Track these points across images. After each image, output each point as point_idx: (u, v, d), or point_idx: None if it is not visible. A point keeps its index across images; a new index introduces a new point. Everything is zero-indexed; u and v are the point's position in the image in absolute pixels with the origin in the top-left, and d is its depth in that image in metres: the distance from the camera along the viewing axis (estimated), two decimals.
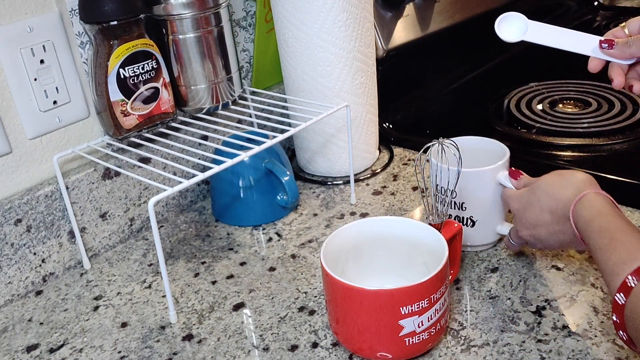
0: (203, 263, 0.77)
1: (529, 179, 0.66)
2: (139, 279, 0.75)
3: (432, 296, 0.55)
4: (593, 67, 0.64)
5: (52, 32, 0.73)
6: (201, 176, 0.66)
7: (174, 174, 0.82)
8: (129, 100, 0.74)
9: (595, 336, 0.59)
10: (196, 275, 0.75)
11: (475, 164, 0.70)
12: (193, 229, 0.85)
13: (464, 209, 0.70)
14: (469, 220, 0.70)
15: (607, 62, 0.63)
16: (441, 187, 0.66)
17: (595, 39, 0.63)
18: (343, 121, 0.88)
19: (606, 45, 0.62)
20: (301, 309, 0.67)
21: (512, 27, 0.67)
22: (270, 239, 0.80)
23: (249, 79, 0.97)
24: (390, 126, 1.02)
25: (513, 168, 0.69)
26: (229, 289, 0.72)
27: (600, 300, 0.63)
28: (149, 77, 0.75)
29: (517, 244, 0.68)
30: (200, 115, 0.83)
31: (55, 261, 0.76)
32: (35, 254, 0.74)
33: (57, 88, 0.74)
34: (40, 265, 0.75)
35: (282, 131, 0.75)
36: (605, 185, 0.80)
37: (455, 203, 0.70)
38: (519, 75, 1.17)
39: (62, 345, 0.66)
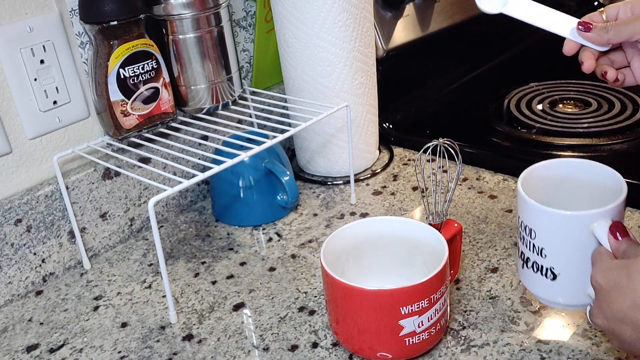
0: (203, 263, 0.77)
1: (633, 246, 0.48)
2: (139, 279, 0.75)
3: (432, 296, 0.55)
4: (568, 49, 0.62)
5: (52, 32, 0.73)
6: (201, 176, 0.66)
7: (174, 174, 0.82)
8: (129, 100, 0.74)
9: (595, 336, 0.59)
10: (196, 275, 0.75)
11: (575, 199, 0.57)
12: (193, 229, 0.85)
13: (544, 255, 0.54)
14: (549, 272, 0.54)
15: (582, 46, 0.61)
16: (525, 225, 0.55)
17: (574, 21, 0.61)
18: (343, 121, 0.88)
19: (583, 27, 0.59)
20: (301, 309, 0.67)
21: None
22: (270, 239, 0.80)
23: (249, 79, 0.97)
24: (390, 126, 1.02)
25: (618, 222, 0.51)
26: (229, 289, 0.72)
27: None
28: (149, 77, 0.75)
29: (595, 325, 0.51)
30: (200, 115, 0.83)
31: (55, 261, 0.76)
32: (35, 254, 0.74)
33: (57, 88, 0.74)
34: (40, 265, 0.75)
35: (282, 131, 0.75)
36: None
37: (533, 245, 0.55)
38: (519, 75, 1.17)
39: (62, 345, 0.66)
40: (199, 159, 0.82)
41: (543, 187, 0.58)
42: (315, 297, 0.68)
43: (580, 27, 0.60)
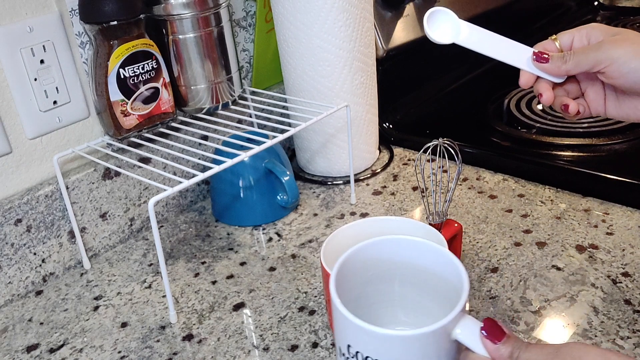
0: (203, 263, 0.77)
1: (519, 345, 0.41)
2: (139, 279, 0.75)
3: None
4: (524, 82, 0.59)
5: (52, 32, 0.73)
6: (201, 176, 0.66)
7: (174, 174, 0.82)
8: (129, 100, 0.74)
9: (596, 336, 0.59)
10: (196, 275, 0.75)
11: (394, 283, 0.49)
12: (193, 229, 0.85)
13: None
14: None
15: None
16: (366, 357, 0.42)
17: (529, 51, 0.58)
18: (343, 121, 0.88)
19: (539, 58, 0.57)
20: (301, 309, 0.67)
21: (444, 26, 0.59)
22: (270, 239, 0.80)
23: (249, 79, 0.97)
24: (390, 126, 1.02)
25: (489, 320, 0.42)
26: (229, 289, 0.72)
27: (601, 300, 0.63)
28: (149, 77, 0.75)
29: None
30: (200, 115, 0.83)
31: (55, 261, 0.76)
32: (35, 254, 0.74)
33: (57, 88, 0.74)
34: (40, 265, 0.75)
35: (282, 131, 0.75)
36: (605, 185, 0.80)
37: None
38: (519, 75, 1.17)
39: (62, 345, 0.66)
40: (199, 159, 0.82)
41: (354, 277, 0.48)
42: (315, 297, 0.68)
43: (535, 57, 0.57)
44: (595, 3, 1.54)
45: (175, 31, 0.77)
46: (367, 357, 0.42)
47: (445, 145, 0.64)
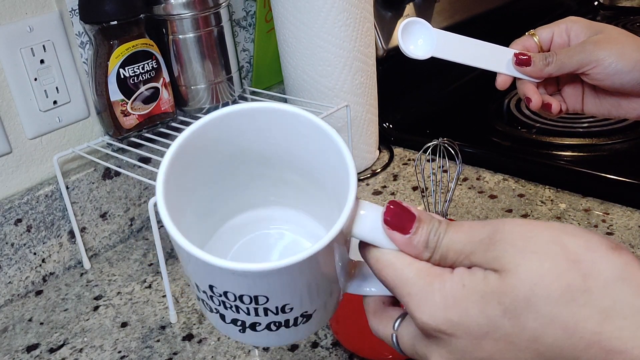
0: None
1: (436, 230, 0.31)
2: (139, 278, 0.75)
3: None
4: (501, 83, 0.56)
5: (52, 32, 0.73)
6: None
7: None
8: (129, 100, 0.74)
9: None
10: None
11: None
12: None
13: (287, 310, 0.35)
14: (301, 318, 0.37)
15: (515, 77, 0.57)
16: (241, 295, 0.33)
17: (509, 53, 0.56)
18: (343, 121, 0.88)
19: (521, 62, 0.55)
20: None
21: (420, 38, 0.56)
22: None
23: (249, 79, 0.97)
24: (390, 126, 1.02)
25: (394, 205, 0.32)
26: None
27: None
28: (149, 77, 0.75)
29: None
30: (200, 115, 0.83)
31: (55, 261, 0.76)
32: (35, 253, 0.74)
33: (57, 88, 0.74)
34: (40, 265, 0.75)
35: None
36: (605, 185, 0.80)
37: (265, 309, 0.35)
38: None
39: (62, 345, 0.66)
40: None
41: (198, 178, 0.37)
42: None
43: (516, 61, 0.55)
44: (595, 3, 1.54)
45: (175, 31, 0.77)
46: (242, 295, 0.32)
47: (445, 145, 0.64)
